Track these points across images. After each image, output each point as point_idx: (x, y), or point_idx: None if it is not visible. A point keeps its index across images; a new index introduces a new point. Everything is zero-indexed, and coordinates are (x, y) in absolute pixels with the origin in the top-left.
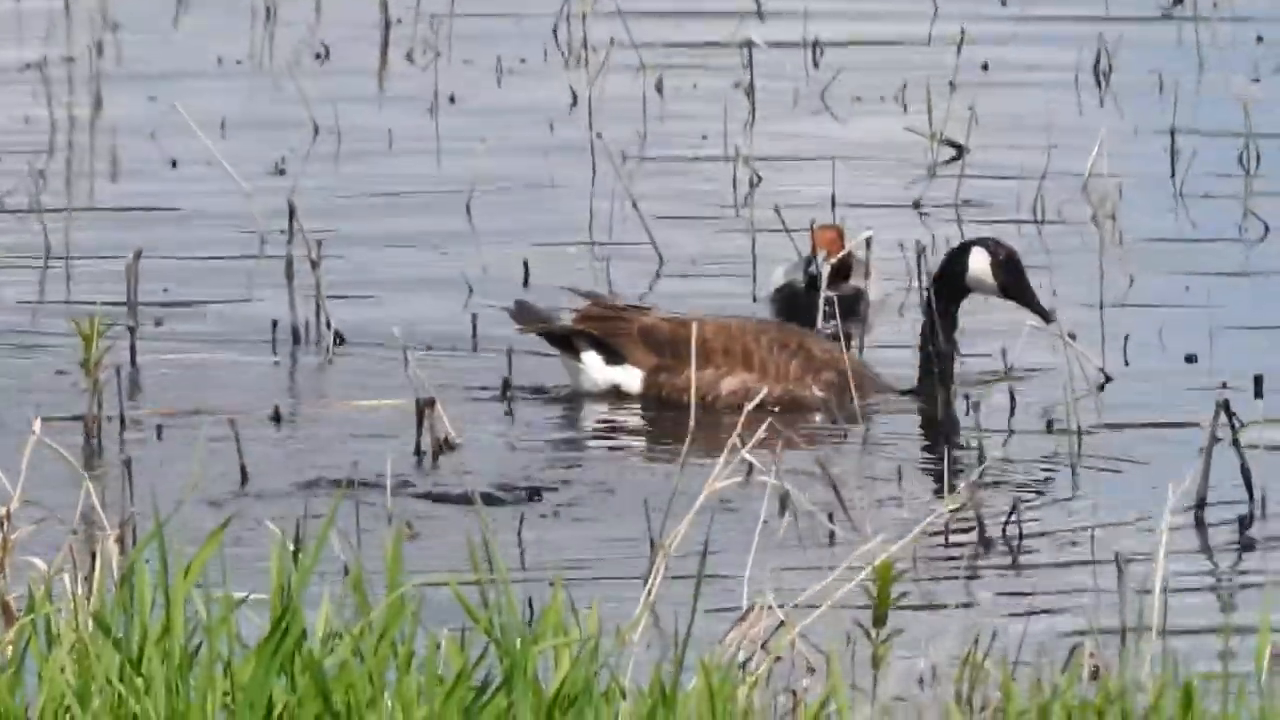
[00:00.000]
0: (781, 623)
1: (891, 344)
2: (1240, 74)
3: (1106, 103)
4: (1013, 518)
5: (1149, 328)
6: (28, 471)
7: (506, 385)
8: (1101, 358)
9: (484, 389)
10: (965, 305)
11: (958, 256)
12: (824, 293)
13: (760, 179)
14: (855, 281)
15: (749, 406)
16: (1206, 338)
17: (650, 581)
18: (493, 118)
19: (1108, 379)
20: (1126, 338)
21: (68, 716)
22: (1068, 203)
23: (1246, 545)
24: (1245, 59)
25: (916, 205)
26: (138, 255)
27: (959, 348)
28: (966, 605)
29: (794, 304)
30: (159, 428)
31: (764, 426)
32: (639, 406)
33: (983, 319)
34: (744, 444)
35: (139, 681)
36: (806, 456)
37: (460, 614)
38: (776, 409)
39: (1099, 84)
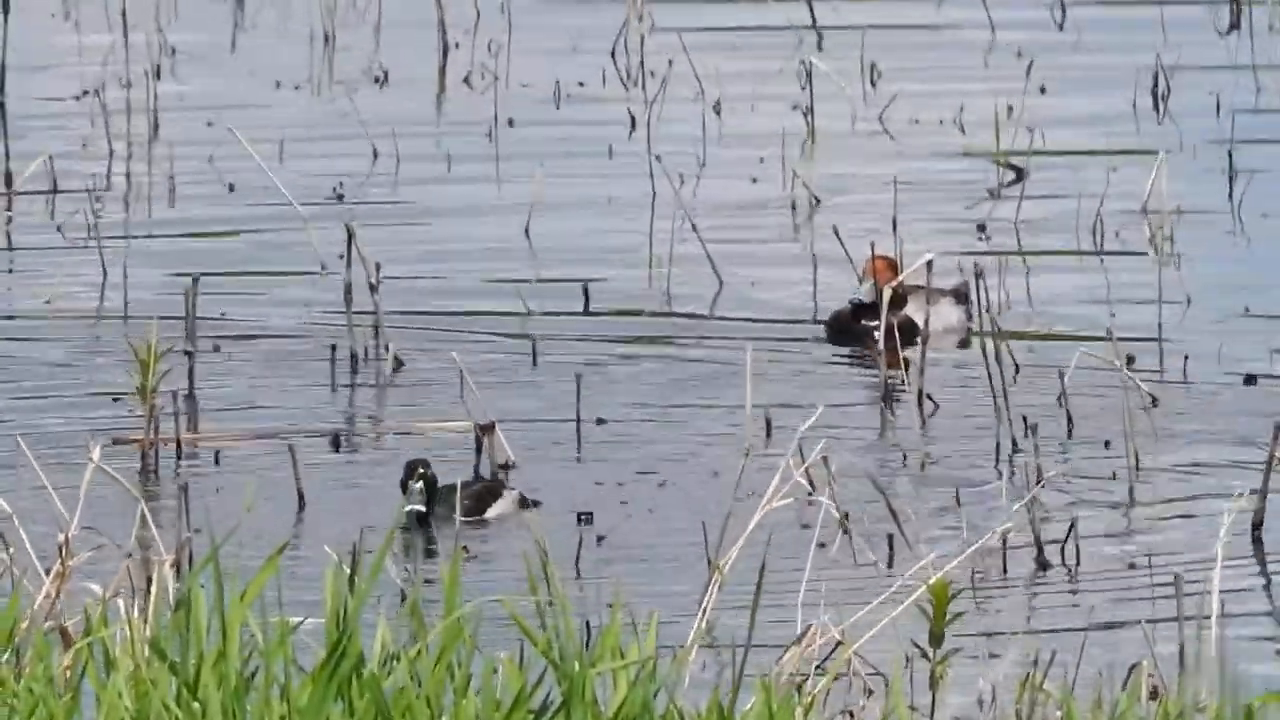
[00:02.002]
0: (839, 643)
1: (943, 383)
2: None
3: (1164, 124)
4: (1070, 538)
5: (1208, 349)
6: (86, 497)
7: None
8: (1160, 379)
9: (544, 412)
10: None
11: None
12: (882, 321)
13: (819, 201)
14: (913, 309)
15: None
16: (1266, 359)
17: (705, 602)
18: (551, 141)
19: (1155, 402)
20: (1186, 359)
21: None
22: (1126, 225)
23: None
24: None
25: (981, 228)
26: (196, 280)
27: None
28: (1025, 625)
29: (841, 329)
30: (216, 452)
31: (819, 448)
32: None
33: (1039, 344)
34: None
35: (196, 706)
36: (862, 477)
37: (518, 636)
38: None
39: (1156, 106)
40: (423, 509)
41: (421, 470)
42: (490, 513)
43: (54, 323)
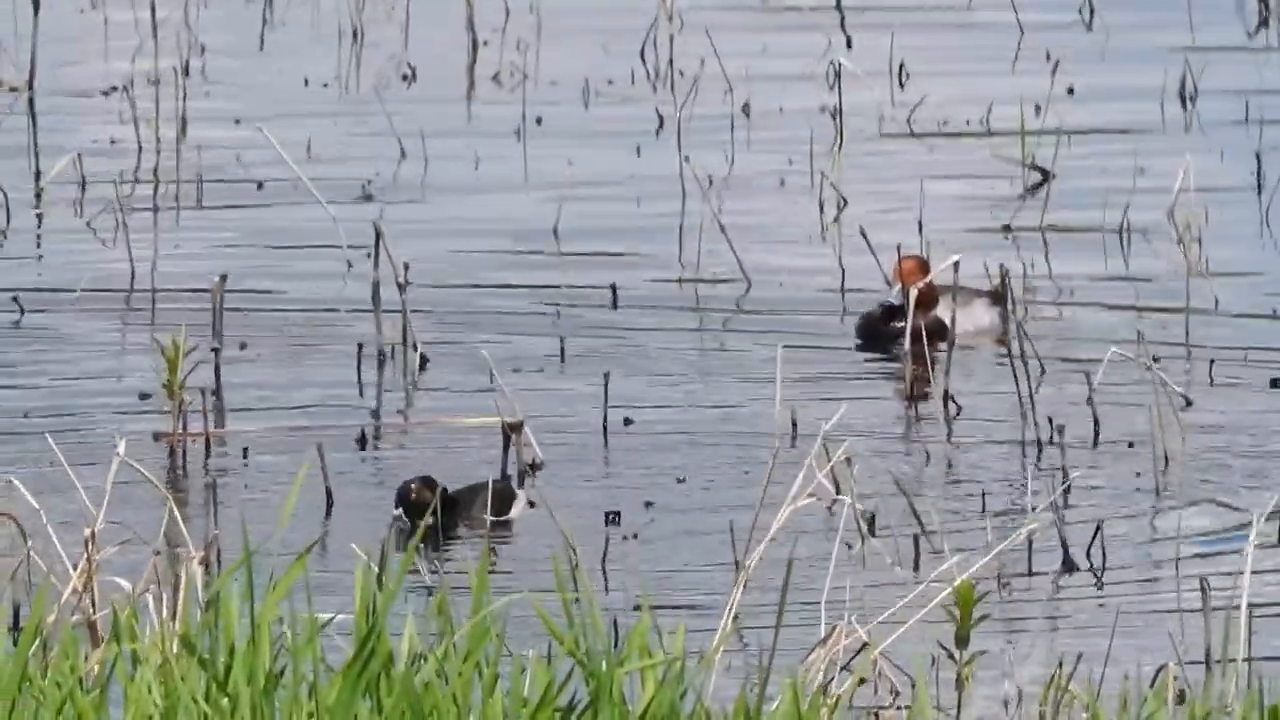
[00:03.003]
0: (864, 644)
1: (970, 383)
2: None
3: (1192, 125)
4: (1096, 539)
5: (1235, 350)
6: (112, 493)
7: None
8: (1186, 380)
9: (572, 410)
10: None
11: None
12: (909, 322)
13: (846, 202)
14: (944, 310)
15: None
16: None
17: (731, 602)
18: (579, 140)
19: (1188, 403)
20: (1212, 361)
21: None
22: (1154, 226)
23: None
24: None
25: (1007, 229)
26: (223, 278)
27: None
28: (1050, 627)
29: (872, 332)
30: (244, 449)
31: (843, 448)
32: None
33: (1066, 345)
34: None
35: (225, 703)
36: (887, 477)
37: (546, 635)
38: None
39: (1184, 107)
40: (407, 524)
41: (412, 494)
42: (512, 513)
43: (81, 318)
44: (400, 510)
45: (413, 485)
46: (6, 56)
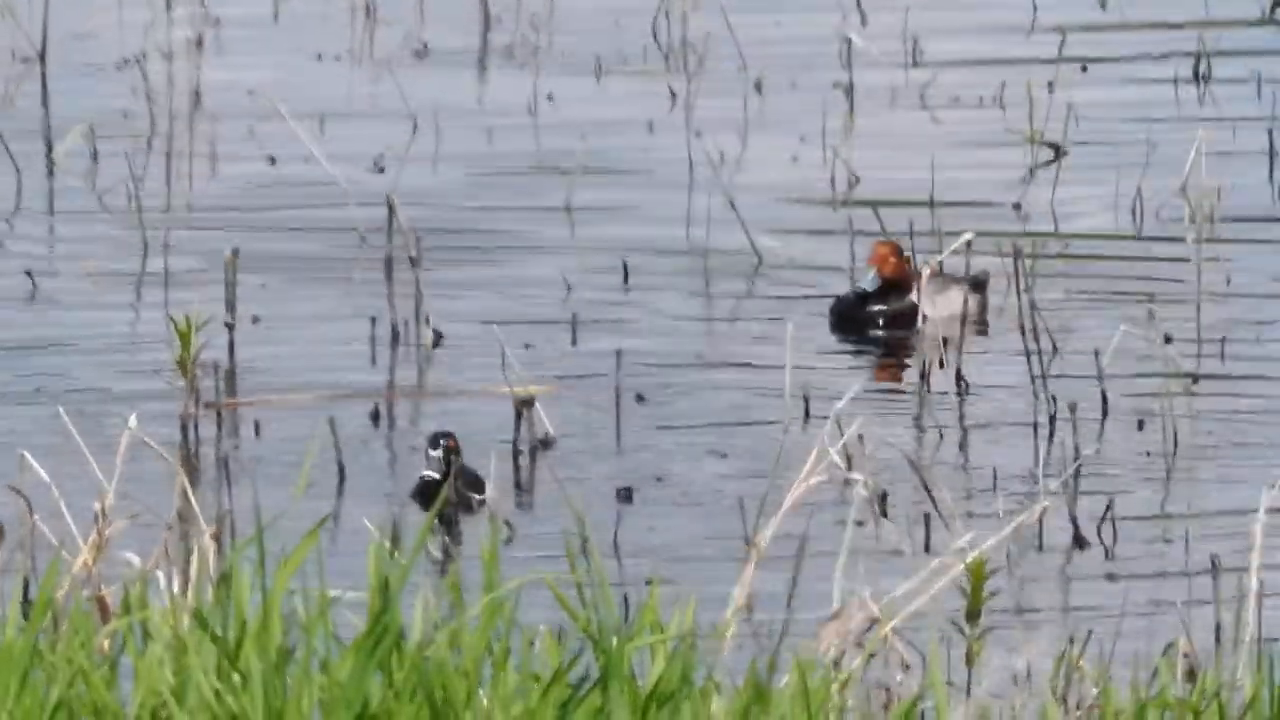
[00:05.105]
0: (875, 620)
1: (981, 363)
2: None
3: (1205, 103)
4: (1107, 517)
5: (1247, 329)
6: (124, 468)
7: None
8: (1196, 359)
9: (583, 387)
10: (1058, 305)
11: None
12: (919, 303)
13: (859, 178)
14: (944, 298)
15: None
16: None
17: (744, 578)
18: (591, 116)
19: (1195, 381)
20: (1224, 339)
21: (164, 713)
22: (1166, 204)
23: None
24: None
25: (1017, 207)
26: (236, 252)
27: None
28: (1061, 604)
29: (844, 316)
30: (256, 424)
31: (856, 425)
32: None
33: (1077, 324)
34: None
35: (236, 678)
36: (899, 455)
37: (557, 611)
38: None
39: (1197, 85)
40: (437, 476)
41: (444, 442)
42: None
43: (94, 290)
44: (439, 453)
45: (442, 438)
46: (19, 27)
